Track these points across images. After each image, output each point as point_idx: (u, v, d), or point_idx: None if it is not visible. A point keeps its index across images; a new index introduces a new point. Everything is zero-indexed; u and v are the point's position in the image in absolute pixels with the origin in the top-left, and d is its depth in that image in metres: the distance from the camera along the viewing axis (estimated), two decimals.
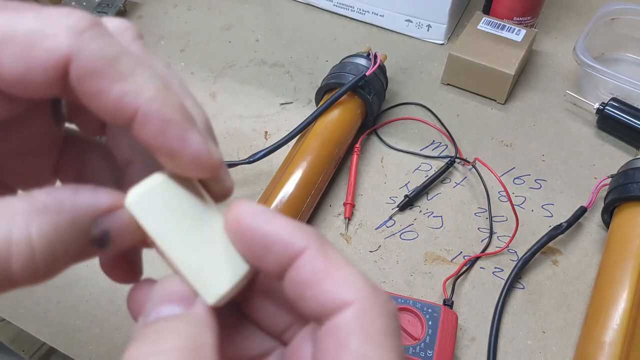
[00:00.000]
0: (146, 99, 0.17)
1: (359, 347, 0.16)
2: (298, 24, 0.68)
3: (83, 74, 0.16)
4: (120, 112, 0.17)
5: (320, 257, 0.18)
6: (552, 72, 0.62)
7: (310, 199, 0.46)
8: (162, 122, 0.17)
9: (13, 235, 0.15)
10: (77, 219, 0.17)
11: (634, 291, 0.40)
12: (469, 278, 0.46)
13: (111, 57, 0.17)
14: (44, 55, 0.16)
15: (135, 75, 0.17)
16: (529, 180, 0.52)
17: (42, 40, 0.16)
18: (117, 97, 0.17)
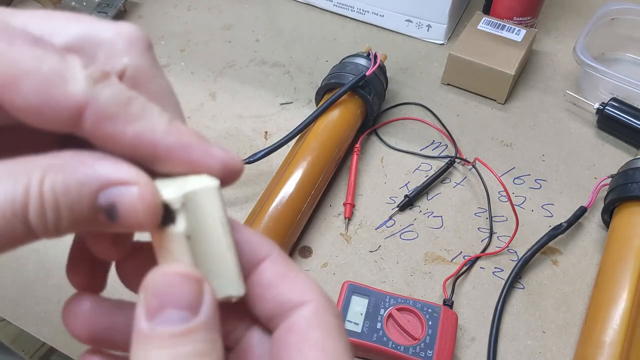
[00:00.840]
0: (161, 133, 0.18)
1: (319, 339, 0.19)
2: (298, 24, 0.68)
3: (99, 118, 0.18)
4: (139, 149, 0.18)
5: (282, 263, 0.20)
6: (552, 72, 0.62)
7: (310, 199, 0.46)
8: (184, 148, 0.19)
9: (30, 187, 0.16)
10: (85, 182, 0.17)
11: (634, 291, 0.40)
12: (469, 278, 0.46)
13: (124, 101, 0.18)
14: (60, 97, 0.17)
15: (146, 115, 0.18)
16: (529, 180, 0.52)
17: (60, 82, 0.17)
18: (134, 136, 0.18)
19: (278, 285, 0.20)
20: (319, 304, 0.19)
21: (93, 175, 0.17)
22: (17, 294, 0.44)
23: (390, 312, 0.40)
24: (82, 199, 0.17)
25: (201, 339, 0.17)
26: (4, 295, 0.44)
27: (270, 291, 0.20)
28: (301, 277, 0.20)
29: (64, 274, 0.22)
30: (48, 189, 0.17)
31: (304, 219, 0.47)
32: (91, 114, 0.18)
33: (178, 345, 0.17)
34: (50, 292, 0.44)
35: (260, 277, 0.20)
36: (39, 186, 0.16)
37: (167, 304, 0.18)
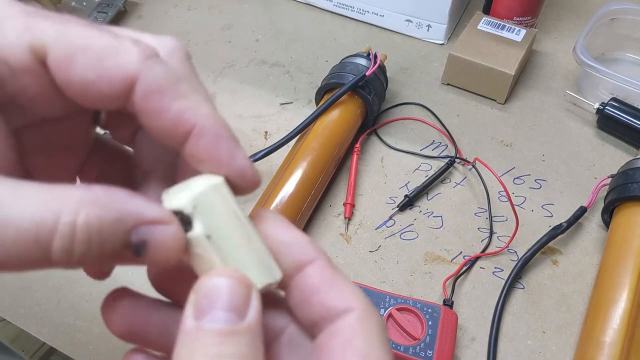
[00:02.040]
0: (203, 116, 0.19)
1: (363, 346, 0.19)
2: (298, 24, 0.68)
3: (149, 91, 0.18)
4: (179, 126, 0.19)
5: (329, 268, 0.20)
6: (552, 72, 0.62)
7: (310, 199, 0.46)
8: (216, 137, 0.19)
9: (61, 217, 0.16)
10: (121, 219, 0.17)
11: (634, 291, 0.40)
12: (469, 278, 0.46)
13: (174, 79, 0.19)
14: (114, 69, 0.18)
15: (192, 96, 0.19)
16: (529, 180, 0.52)
17: (115, 55, 0.18)
18: (178, 112, 0.19)
19: (324, 291, 0.20)
20: (363, 311, 0.20)
21: (129, 213, 0.17)
22: (17, 294, 0.44)
23: (390, 312, 0.40)
24: (116, 235, 0.17)
25: (245, 342, 0.18)
26: (4, 295, 0.44)
27: (316, 296, 0.20)
28: (347, 284, 0.20)
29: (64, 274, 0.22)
30: (83, 223, 0.17)
31: (304, 219, 0.47)
32: (142, 86, 0.18)
33: (222, 344, 0.17)
34: (50, 292, 0.44)
35: (306, 281, 0.20)
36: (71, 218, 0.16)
37: (216, 305, 0.18)
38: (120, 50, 0.18)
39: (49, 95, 0.19)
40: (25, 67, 0.18)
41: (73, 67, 0.18)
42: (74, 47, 0.18)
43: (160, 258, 0.18)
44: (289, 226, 0.21)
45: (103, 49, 0.18)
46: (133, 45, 0.19)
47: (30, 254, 0.16)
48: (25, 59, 0.18)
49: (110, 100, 0.19)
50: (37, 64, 0.18)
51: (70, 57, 0.18)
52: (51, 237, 0.16)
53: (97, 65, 0.18)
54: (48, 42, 0.18)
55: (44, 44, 0.18)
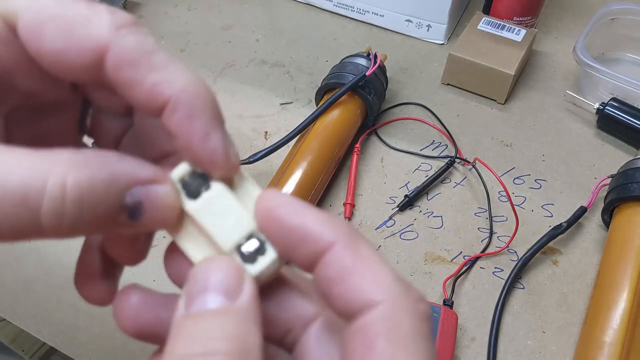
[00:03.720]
0: (178, 88, 0.18)
1: (386, 350, 0.16)
2: (298, 24, 0.68)
3: (119, 63, 0.18)
4: (152, 100, 0.18)
5: (349, 252, 0.17)
6: (552, 72, 0.62)
7: (310, 199, 0.46)
8: (189, 112, 0.18)
9: (49, 180, 0.16)
10: (114, 179, 0.17)
11: (634, 291, 0.40)
12: (469, 278, 0.46)
13: (147, 50, 0.18)
14: (83, 39, 0.17)
15: (168, 67, 0.18)
16: (529, 180, 0.52)
17: (84, 25, 0.18)
18: (151, 86, 0.18)
19: (344, 281, 0.17)
20: (391, 305, 0.16)
21: (122, 172, 0.17)
22: (17, 294, 0.44)
23: None
24: (109, 197, 0.16)
25: (235, 323, 0.17)
26: (4, 295, 0.44)
27: (337, 288, 0.17)
28: (373, 270, 0.17)
29: (64, 274, 0.22)
30: (73, 183, 0.16)
31: None
32: (113, 56, 0.18)
33: (211, 327, 0.16)
34: (50, 292, 0.44)
35: (325, 271, 0.17)
36: (61, 179, 0.16)
37: (206, 289, 0.17)
38: (92, 19, 0.18)
39: (25, 66, 0.19)
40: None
41: (42, 36, 0.17)
42: (44, 15, 0.18)
43: (157, 220, 0.18)
44: (301, 208, 0.18)
45: (73, 18, 0.18)
46: (107, 14, 0.18)
47: (19, 218, 0.15)
48: None
49: (82, 71, 0.18)
50: (9, 32, 0.18)
51: (39, 26, 0.17)
52: (40, 198, 0.15)
53: (66, 34, 0.17)
54: (18, 10, 0.18)
55: (13, 12, 0.18)
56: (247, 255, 0.19)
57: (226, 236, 0.18)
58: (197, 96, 0.18)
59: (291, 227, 0.18)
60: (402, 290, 0.17)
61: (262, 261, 0.19)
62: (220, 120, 0.19)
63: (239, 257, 0.18)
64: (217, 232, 0.18)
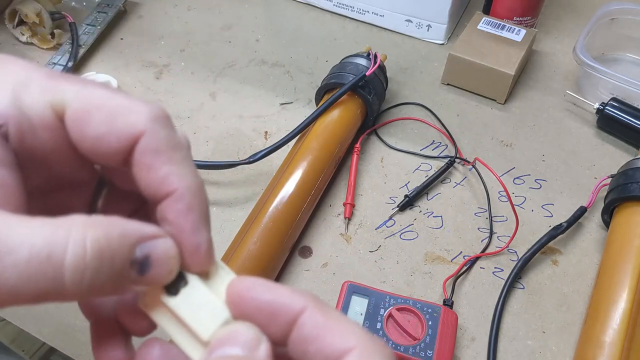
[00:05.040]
0: (185, 185, 0.21)
1: None
2: (298, 24, 0.68)
3: (147, 150, 0.20)
4: (161, 187, 0.21)
5: (319, 312, 0.20)
6: (552, 72, 0.62)
7: (310, 199, 0.46)
8: (188, 208, 0.21)
9: (70, 238, 0.17)
10: (126, 235, 0.19)
11: (634, 291, 0.40)
12: (469, 278, 0.46)
13: (172, 144, 0.21)
14: (124, 126, 0.20)
15: (182, 164, 0.21)
16: (529, 180, 0.52)
17: (125, 114, 0.20)
18: (165, 175, 0.20)
19: (319, 338, 0.20)
20: (364, 348, 0.19)
21: (131, 230, 0.19)
22: None
23: (390, 312, 0.40)
24: (123, 251, 0.18)
25: None
26: None
27: (314, 345, 0.20)
28: (342, 324, 0.20)
29: None
30: (92, 240, 0.18)
31: (304, 219, 0.47)
32: (144, 143, 0.20)
33: None
34: None
35: (300, 332, 0.20)
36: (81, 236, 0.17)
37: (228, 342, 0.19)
38: (133, 109, 0.20)
39: (64, 151, 0.21)
40: (45, 123, 0.20)
41: (88, 123, 0.20)
42: (90, 104, 0.20)
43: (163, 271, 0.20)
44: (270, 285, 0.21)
45: (116, 107, 0.20)
46: (145, 106, 0.21)
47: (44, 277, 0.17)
48: (45, 116, 0.20)
49: (116, 154, 0.20)
50: (56, 120, 0.20)
51: (86, 113, 0.20)
52: (63, 255, 0.17)
53: (110, 121, 0.20)
54: (67, 100, 0.20)
55: (63, 101, 0.20)
56: None
57: (204, 327, 0.20)
58: (197, 195, 0.21)
59: (266, 302, 0.20)
60: (369, 337, 0.20)
61: None
62: (209, 221, 0.22)
63: None
64: (196, 324, 0.20)
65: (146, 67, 0.61)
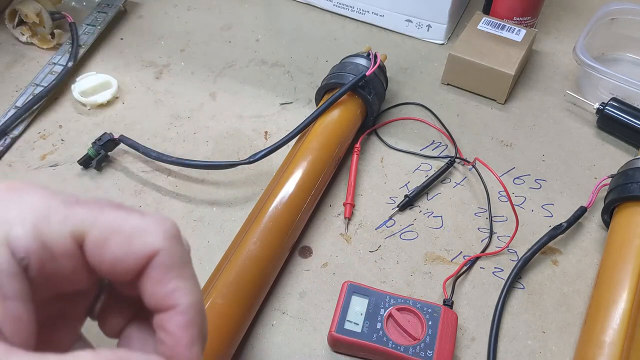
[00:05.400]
0: (190, 302, 0.22)
1: None
2: (298, 24, 0.68)
3: (161, 266, 0.22)
4: (166, 300, 0.22)
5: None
6: (552, 72, 0.62)
7: (310, 199, 0.46)
8: (187, 322, 0.22)
9: None
10: None
11: (634, 291, 0.40)
12: (469, 278, 0.46)
13: (183, 261, 0.22)
14: (140, 248, 0.21)
15: (190, 281, 0.22)
16: (529, 180, 0.52)
17: (141, 236, 0.21)
18: (171, 289, 0.22)
19: None
20: None
21: None
22: None
23: (390, 312, 0.40)
24: None
25: None
26: None
27: None
28: None
29: None
30: None
31: (304, 219, 0.47)
32: (157, 261, 0.22)
33: None
34: None
35: None
36: None
37: None
38: (148, 229, 0.22)
39: (79, 272, 0.22)
40: (66, 252, 0.21)
41: (107, 247, 0.21)
42: (108, 230, 0.21)
43: None
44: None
45: (133, 230, 0.21)
46: (159, 225, 0.22)
47: None
48: (67, 245, 0.21)
49: (132, 273, 0.22)
50: (76, 247, 0.21)
51: (104, 240, 0.21)
52: None
53: (127, 243, 0.21)
54: (87, 228, 0.21)
55: (83, 230, 0.21)
56: None
57: None
58: (199, 312, 0.22)
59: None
60: None
61: None
62: (205, 338, 0.23)
63: None
64: None
65: (146, 67, 0.61)
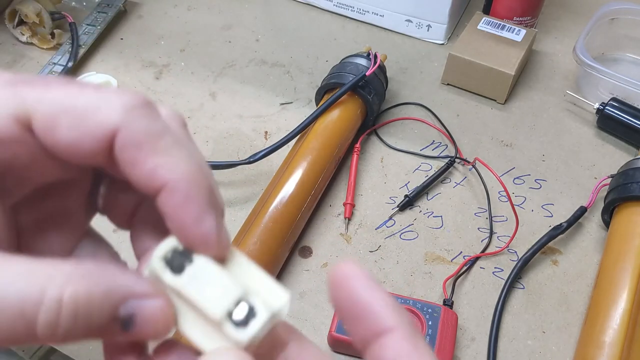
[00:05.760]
0: (177, 175, 0.19)
1: None
2: (298, 24, 0.68)
3: (126, 144, 0.18)
4: (151, 182, 0.19)
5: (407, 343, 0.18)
6: (552, 72, 0.62)
7: (310, 199, 0.46)
8: (185, 197, 0.19)
9: (47, 291, 0.16)
10: (110, 293, 0.17)
11: (634, 291, 0.40)
12: (469, 278, 0.46)
13: (154, 133, 0.19)
14: (95, 126, 0.18)
15: (171, 152, 0.19)
16: (529, 180, 0.52)
17: (95, 113, 0.18)
18: (151, 169, 0.19)
19: None
20: None
21: (118, 286, 0.18)
22: None
23: None
24: (104, 309, 0.17)
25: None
26: None
27: None
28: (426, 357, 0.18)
29: None
30: (69, 297, 0.16)
31: (304, 219, 0.47)
32: (120, 139, 0.18)
33: None
34: None
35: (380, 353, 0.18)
36: (57, 293, 0.16)
37: None
38: (102, 105, 0.18)
39: (41, 160, 0.19)
40: (13, 137, 0.18)
41: (57, 129, 0.18)
42: (56, 109, 0.18)
43: (148, 332, 0.18)
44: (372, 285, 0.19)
45: (85, 107, 0.18)
46: (117, 98, 0.19)
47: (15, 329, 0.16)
48: (11, 129, 0.18)
49: (95, 156, 0.19)
50: (24, 131, 0.18)
51: (53, 120, 0.18)
52: (37, 311, 0.16)
53: (79, 124, 0.18)
54: (30, 109, 0.18)
55: (27, 111, 0.18)
56: (238, 321, 0.19)
57: (214, 306, 0.19)
58: (195, 182, 0.19)
59: (358, 300, 0.19)
60: None
61: (254, 324, 0.19)
62: (215, 205, 0.20)
63: (231, 324, 0.19)
64: (205, 303, 0.19)
65: (146, 67, 0.61)
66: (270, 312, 0.19)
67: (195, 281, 0.19)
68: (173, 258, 0.19)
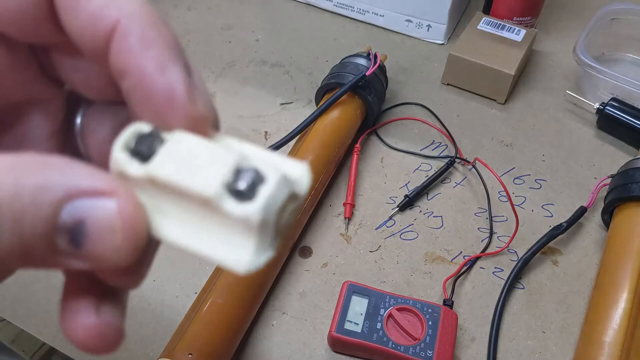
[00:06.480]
0: (128, 12, 0.15)
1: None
2: (298, 24, 0.68)
3: None
4: (97, 26, 0.15)
5: None
6: (552, 72, 0.62)
7: (310, 199, 0.46)
8: (140, 40, 0.15)
9: None
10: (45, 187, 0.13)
11: (634, 291, 0.40)
12: (469, 278, 0.46)
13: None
14: None
15: None
16: (529, 180, 0.52)
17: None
18: (95, 9, 0.15)
19: None
20: None
21: (58, 179, 0.13)
22: (17, 294, 0.44)
23: (390, 312, 0.40)
24: (39, 210, 0.12)
25: None
26: (4, 295, 0.44)
27: None
28: None
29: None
30: None
31: (304, 219, 0.47)
32: None
33: None
34: (51, 292, 0.44)
35: None
36: None
37: None
38: None
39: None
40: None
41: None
42: None
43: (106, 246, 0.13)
44: None
45: None
46: None
47: None
48: None
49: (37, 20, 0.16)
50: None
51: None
52: None
53: None
54: None
55: None
56: (243, 193, 0.14)
57: (205, 181, 0.14)
58: (150, 22, 0.15)
59: None
60: None
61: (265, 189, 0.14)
62: (179, 53, 0.16)
63: (232, 199, 0.14)
64: (189, 180, 0.14)
65: None
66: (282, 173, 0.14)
67: (170, 160, 0.14)
68: (139, 143, 0.15)
